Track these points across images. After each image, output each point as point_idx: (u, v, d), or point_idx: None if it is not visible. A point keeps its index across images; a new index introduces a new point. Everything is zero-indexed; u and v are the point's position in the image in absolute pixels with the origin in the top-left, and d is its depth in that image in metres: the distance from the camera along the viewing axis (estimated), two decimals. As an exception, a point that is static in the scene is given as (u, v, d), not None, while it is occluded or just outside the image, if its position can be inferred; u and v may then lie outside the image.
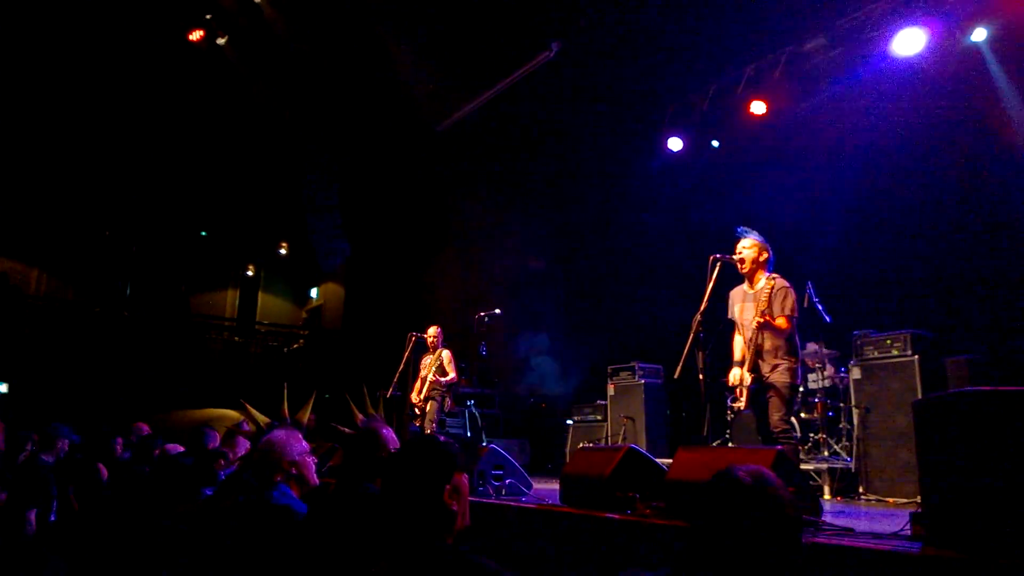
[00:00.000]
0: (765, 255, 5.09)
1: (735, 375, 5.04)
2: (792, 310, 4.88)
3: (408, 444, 1.97)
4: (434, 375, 8.20)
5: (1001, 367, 6.19)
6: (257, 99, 12.07)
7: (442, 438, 1.96)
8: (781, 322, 4.82)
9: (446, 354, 8.28)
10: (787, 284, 4.95)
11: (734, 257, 5.09)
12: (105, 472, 5.37)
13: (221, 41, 10.67)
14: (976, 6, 7.26)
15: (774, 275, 5.03)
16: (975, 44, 7.35)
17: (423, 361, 8.45)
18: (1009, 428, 2.58)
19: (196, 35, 10.53)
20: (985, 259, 7.13)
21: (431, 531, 1.78)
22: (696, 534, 1.57)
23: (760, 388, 4.88)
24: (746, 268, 5.08)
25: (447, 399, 8.41)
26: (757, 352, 4.87)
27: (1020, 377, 5.95)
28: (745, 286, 5.17)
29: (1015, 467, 2.53)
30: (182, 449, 4.38)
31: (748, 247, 5.09)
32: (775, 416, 4.79)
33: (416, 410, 8.29)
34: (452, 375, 8.24)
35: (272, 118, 12.70)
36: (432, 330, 8.45)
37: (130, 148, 13.59)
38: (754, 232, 5.19)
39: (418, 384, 8.39)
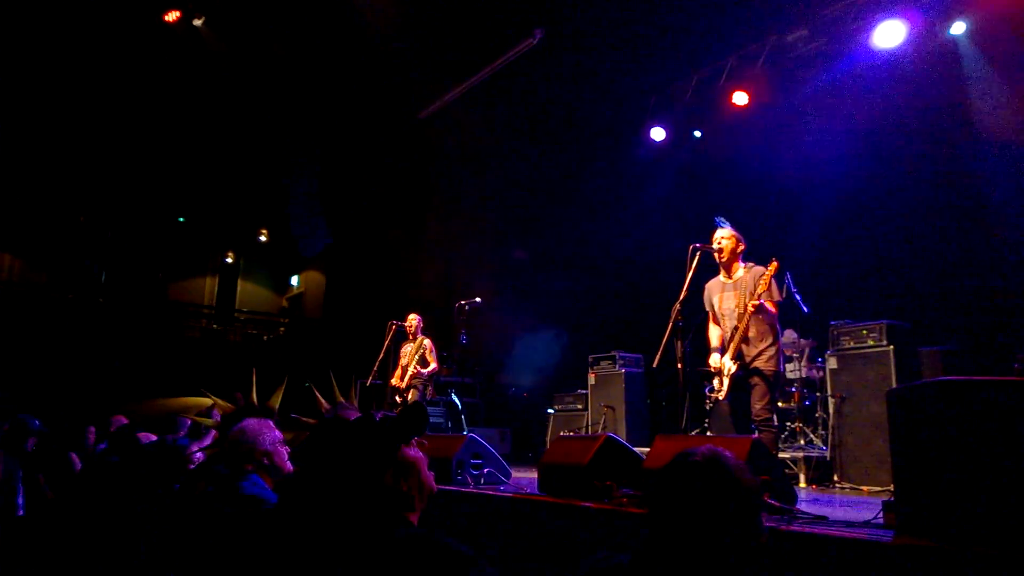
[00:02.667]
0: (742, 246, 5.20)
1: (715, 359, 5.10)
2: (779, 295, 5.00)
3: (325, 430, 1.88)
4: (415, 366, 8.17)
5: (974, 357, 6.28)
6: (235, 82, 11.90)
7: (379, 415, 1.86)
8: (770, 305, 4.91)
9: (427, 343, 8.26)
10: (767, 270, 5.01)
11: (712, 247, 5.13)
12: (78, 461, 5.31)
13: (198, 22, 10.47)
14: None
15: (750, 264, 5.12)
16: (954, 37, 7.41)
17: (403, 349, 8.43)
18: (980, 417, 2.60)
19: (172, 16, 10.32)
20: (959, 251, 7.22)
21: (380, 516, 1.74)
22: (656, 518, 1.56)
23: (744, 375, 4.91)
24: (724, 258, 5.15)
25: (428, 388, 8.40)
26: (743, 339, 4.91)
27: (992, 367, 6.04)
28: (722, 276, 5.23)
29: (986, 456, 2.56)
30: (155, 438, 4.32)
31: (726, 237, 5.16)
32: (758, 404, 4.83)
33: (397, 398, 8.28)
34: (434, 365, 8.24)
35: (251, 102, 12.53)
36: (412, 318, 8.42)
37: (106, 131, 13.35)
38: (729, 224, 5.25)
39: (399, 372, 8.36)
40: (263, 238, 18.00)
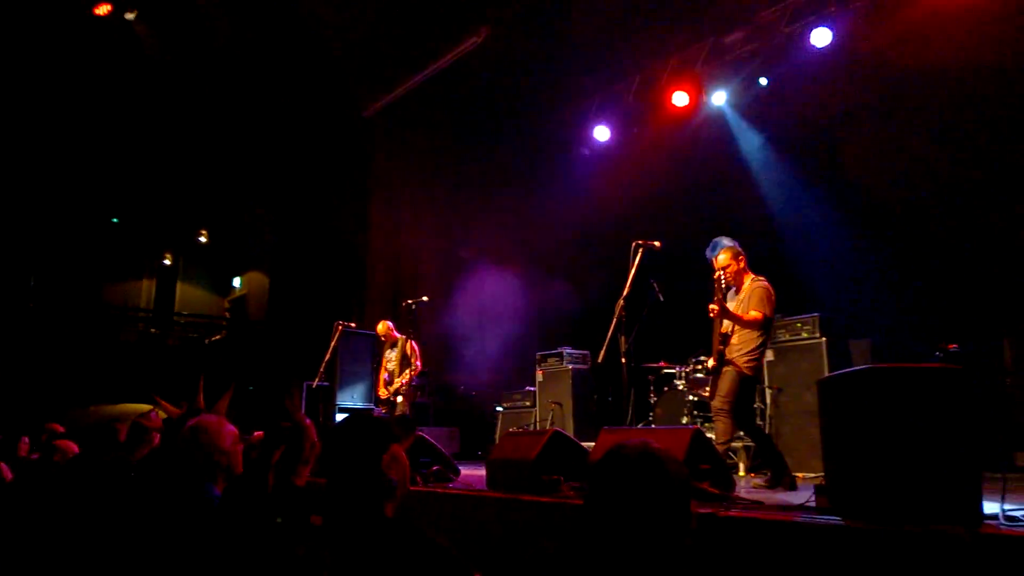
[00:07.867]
0: (742, 257, 5.12)
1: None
2: (765, 308, 4.92)
3: (343, 421, 2.07)
4: (400, 372, 8.08)
5: (900, 347, 6.56)
6: (171, 78, 11.57)
7: (377, 412, 2.11)
8: (754, 315, 4.88)
9: (411, 344, 8.15)
10: (766, 285, 5.01)
11: (716, 274, 5.02)
12: (8, 472, 5.11)
13: (130, 16, 10.12)
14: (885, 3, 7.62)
15: (759, 276, 5.08)
16: (882, 43, 7.73)
17: (386, 355, 8.39)
18: (904, 402, 2.74)
19: (103, 9, 9.96)
20: (885, 250, 7.55)
21: (371, 501, 1.91)
22: (589, 508, 1.63)
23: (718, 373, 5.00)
24: (731, 278, 5.05)
25: (416, 392, 8.50)
26: (723, 341, 4.98)
27: (917, 356, 6.32)
28: (733, 293, 5.17)
29: (910, 439, 2.70)
30: (76, 449, 4.20)
31: (724, 259, 5.07)
32: (716, 397, 4.93)
33: (382, 406, 8.28)
34: (418, 364, 8.12)
35: (189, 98, 12.20)
36: (381, 326, 8.44)
37: (35, 127, 12.81)
38: (723, 240, 5.18)
39: (383, 376, 8.31)
40: (203, 239, 17.52)
